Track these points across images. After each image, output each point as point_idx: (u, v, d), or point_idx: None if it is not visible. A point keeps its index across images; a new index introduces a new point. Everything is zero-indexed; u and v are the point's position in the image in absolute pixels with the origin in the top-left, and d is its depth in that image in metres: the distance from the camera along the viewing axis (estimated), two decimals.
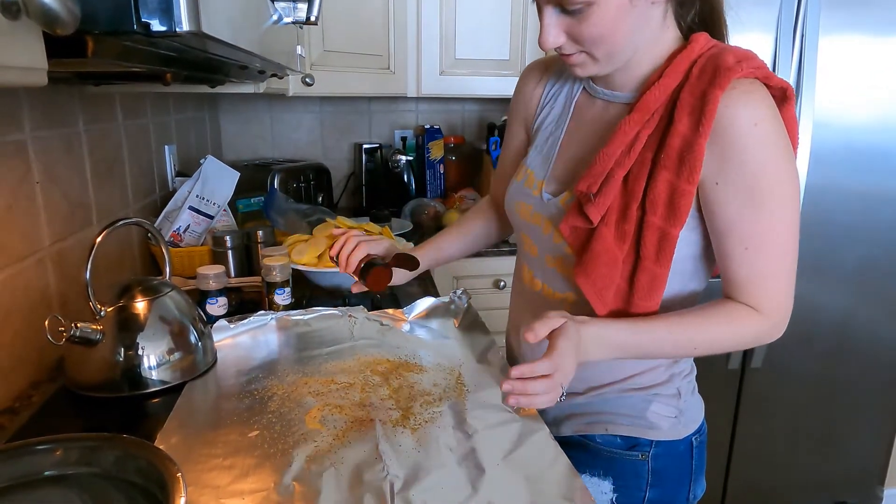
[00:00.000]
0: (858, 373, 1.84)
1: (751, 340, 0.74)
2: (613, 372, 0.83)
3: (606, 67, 0.74)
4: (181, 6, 0.37)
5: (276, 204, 1.56)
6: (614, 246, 0.72)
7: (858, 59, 1.58)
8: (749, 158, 0.66)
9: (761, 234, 0.69)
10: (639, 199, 0.71)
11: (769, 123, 0.67)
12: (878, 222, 1.70)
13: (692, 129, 0.67)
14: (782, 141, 0.68)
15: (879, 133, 1.63)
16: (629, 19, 0.68)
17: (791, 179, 0.69)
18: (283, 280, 1.12)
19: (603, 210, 0.72)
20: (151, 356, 0.88)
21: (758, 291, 0.72)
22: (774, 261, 0.71)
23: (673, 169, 0.68)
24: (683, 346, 0.74)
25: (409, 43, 1.88)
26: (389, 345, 1.02)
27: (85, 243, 1.07)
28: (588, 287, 0.74)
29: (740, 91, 0.66)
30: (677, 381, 0.84)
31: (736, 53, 0.69)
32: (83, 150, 1.09)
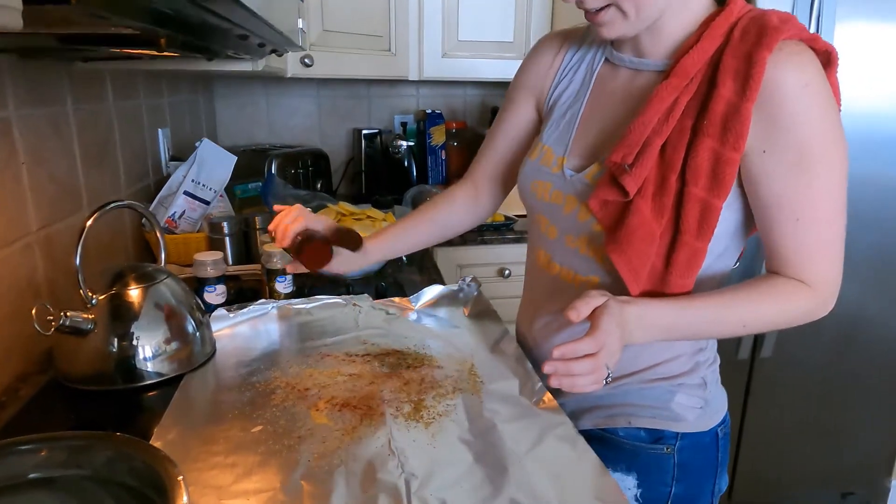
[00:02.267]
0: (868, 364, 1.81)
1: (802, 316, 0.71)
2: (635, 361, 0.78)
3: (636, 25, 0.69)
4: None
5: (274, 189, 1.50)
6: (652, 219, 0.68)
7: (875, 47, 1.53)
8: (800, 122, 0.63)
9: (812, 204, 0.66)
10: (678, 169, 0.67)
11: (819, 86, 0.63)
12: (889, 209, 1.66)
13: (738, 93, 0.63)
14: (832, 105, 0.65)
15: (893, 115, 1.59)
16: None
17: (841, 144, 0.66)
18: (283, 267, 1.07)
19: (640, 181, 0.67)
20: (147, 347, 0.83)
21: (808, 265, 0.69)
22: (825, 232, 0.68)
23: (717, 136, 0.65)
24: (733, 324, 0.70)
25: (411, 24, 1.82)
26: (396, 334, 0.97)
27: (74, 229, 1.01)
28: (623, 264, 0.70)
29: (788, 52, 0.63)
30: (702, 370, 0.80)
31: (779, 15, 0.65)
32: (72, 130, 1.03)
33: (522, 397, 0.77)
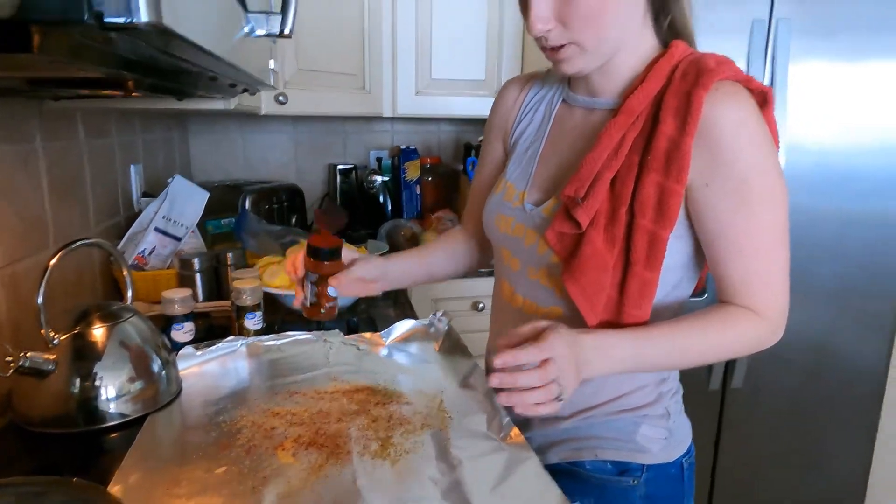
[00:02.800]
0: (837, 391, 1.85)
1: (753, 344, 0.73)
2: (599, 393, 0.80)
3: (594, 60, 0.73)
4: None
5: (247, 225, 1.50)
6: (604, 250, 0.71)
7: (828, 85, 1.61)
8: (738, 157, 0.67)
9: (755, 235, 0.69)
10: (627, 202, 0.70)
11: (754, 123, 0.68)
12: (852, 241, 1.72)
13: (678, 130, 0.67)
14: (768, 141, 0.69)
15: (850, 156, 1.66)
16: (616, 4, 0.69)
17: (779, 178, 0.70)
18: (254, 304, 1.07)
19: (592, 213, 0.71)
20: (110, 387, 0.81)
21: (755, 293, 0.71)
22: (769, 261, 0.71)
23: (661, 170, 0.68)
24: (690, 355, 0.73)
25: (385, 62, 1.86)
26: (367, 370, 0.97)
27: (40, 266, 1.00)
28: (578, 293, 0.72)
29: (723, 91, 0.67)
30: (666, 400, 0.82)
31: (716, 58, 0.70)
32: (41, 167, 1.03)
33: (490, 432, 0.77)
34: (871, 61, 1.60)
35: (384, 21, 1.83)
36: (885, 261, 1.75)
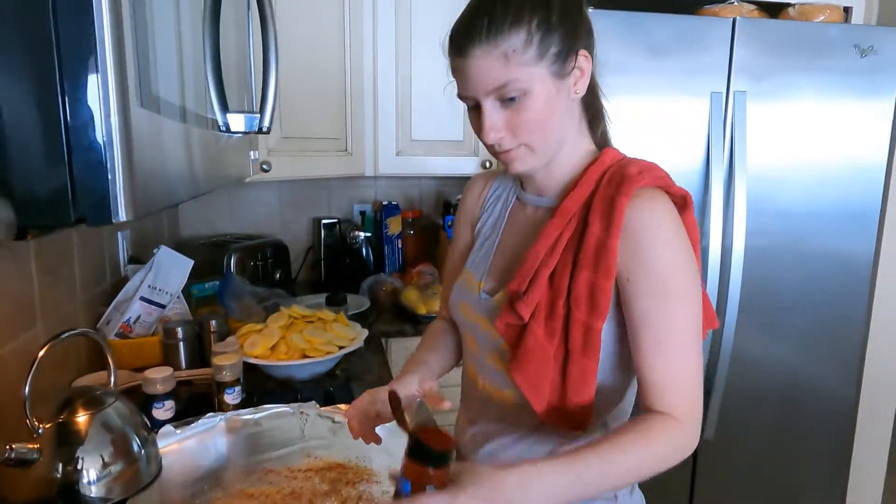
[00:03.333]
0: (807, 435, 1.90)
1: (675, 453, 0.73)
2: None
3: (542, 158, 0.79)
4: (119, 199, 0.39)
5: (231, 288, 1.55)
6: (545, 341, 0.76)
7: (787, 131, 1.71)
8: (656, 258, 0.73)
9: (674, 331, 0.73)
10: (564, 295, 0.75)
11: (670, 226, 0.74)
12: (818, 281, 1.80)
13: (604, 231, 0.74)
14: (683, 243, 0.74)
15: (812, 196, 1.74)
16: (558, 108, 0.76)
17: (693, 278, 0.75)
18: (233, 379, 1.11)
19: (532, 306, 0.76)
20: (91, 470, 0.85)
21: (671, 391, 0.73)
22: (684, 358, 0.74)
23: (591, 267, 0.74)
24: (617, 472, 0.71)
25: (367, 125, 1.95)
26: (341, 445, 1.01)
27: (26, 346, 1.04)
28: (522, 381, 0.77)
29: (643, 198, 0.74)
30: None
31: (640, 165, 0.77)
32: (30, 253, 1.08)
33: None
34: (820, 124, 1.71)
35: (365, 86, 1.91)
36: (849, 301, 1.82)
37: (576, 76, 0.76)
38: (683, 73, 1.62)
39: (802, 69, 1.66)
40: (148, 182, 0.43)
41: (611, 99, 1.60)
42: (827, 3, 1.76)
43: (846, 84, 1.69)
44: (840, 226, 1.78)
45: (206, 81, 0.76)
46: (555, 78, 0.74)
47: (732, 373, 1.77)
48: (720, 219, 1.68)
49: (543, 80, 0.73)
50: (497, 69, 0.72)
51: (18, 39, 0.36)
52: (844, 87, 1.69)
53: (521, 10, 0.71)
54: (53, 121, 0.37)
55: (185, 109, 0.58)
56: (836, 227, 1.77)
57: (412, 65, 1.93)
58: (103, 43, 0.37)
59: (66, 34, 0.37)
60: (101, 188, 0.38)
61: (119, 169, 0.39)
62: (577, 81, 0.77)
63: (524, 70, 0.72)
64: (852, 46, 1.66)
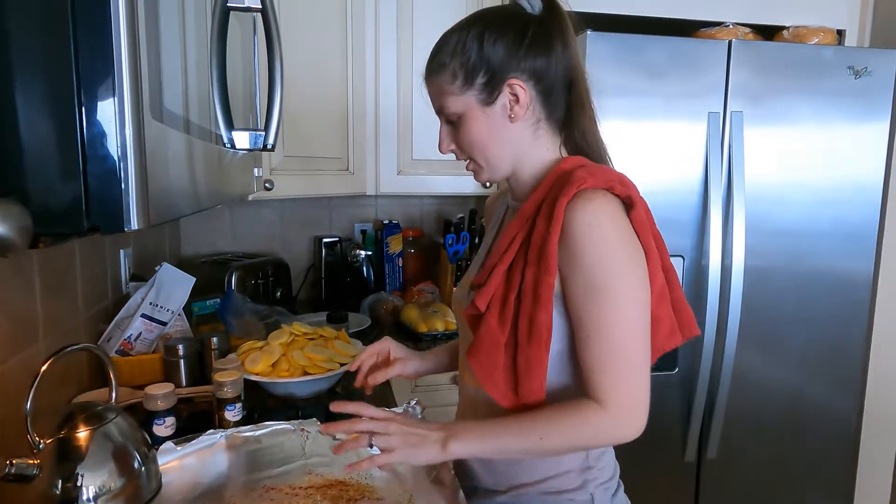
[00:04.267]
0: (810, 453, 1.89)
1: (594, 433, 0.80)
2: (529, 473, 0.90)
3: (494, 174, 0.90)
4: (132, 208, 0.40)
5: (232, 306, 1.55)
6: (497, 330, 0.83)
7: (784, 152, 1.73)
8: (586, 256, 0.77)
9: (600, 325, 0.78)
10: (516, 289, 0.82)
11: (604, 226, 0.78)
12: (817, 301, 1.80)
13: (546, 230, 0.80)
14: (619, 241, 0.79)
15: (810, 217, 1.76)
16: (494, 131, 0.86)
17: (629, 277, 0.78)
18: (234, 396, 1.11)
19: (487, 298, 0.84)
20: (91, 487, 0.84)
21: (599, 382, 0.79)
22: (613, 352, 0.78)
23: (535, 263, 0.81)
24: (532, 440, 0.80)
25: (368, 145, 1.97)
26: (341, 462, 1.00)
27: (28, 361, 1.05)
28: (476, 368, 0.85)
29: (581, 199, 0.78)
30: (591, 487, 0.90)
31: (590, 169, 0.83)
32: (33, 268, 1.08)
33: None
34: (817, 145, 1.73)
35: (367, 106, 1.94)
36: (849, 320, 1.83)
37: (509, 103, 0.84)
38: (680, 95, 1.65)
39: (798, 90, 1.69)
40: (159, 192, 0.44)
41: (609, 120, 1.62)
42: (820, 27, 1.80)
43: (841, 105, 1.72)
44: (838, 245, 1.79)
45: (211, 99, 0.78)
46: (483, 105, 0.84)
47: (734, 392, 1.77)
48: (719, 239, 1.69)
49: (472, 108, 0.85)
50: (437, 97, 0.88)
51: (38, 53, 0.38)
52: (840, 108, 1.72)
53: (452, 51, 0.85)
54: (70, 131, 0.38)
55: (193, 124, 0.60)
56: (834, 247, 1.79)
57: (413, 85, 1.96)
58: (120, 57, 0.39)
59: (84, 49, 0.38)
60: (114, 197, 0.39)
61: (132, 179, 0.40)
62: (512, 108, 0.84)
63: (453, 99, 0.85)
64: (846, 68, 1.69)
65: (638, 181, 1.68)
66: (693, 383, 1.75)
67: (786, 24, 1.84)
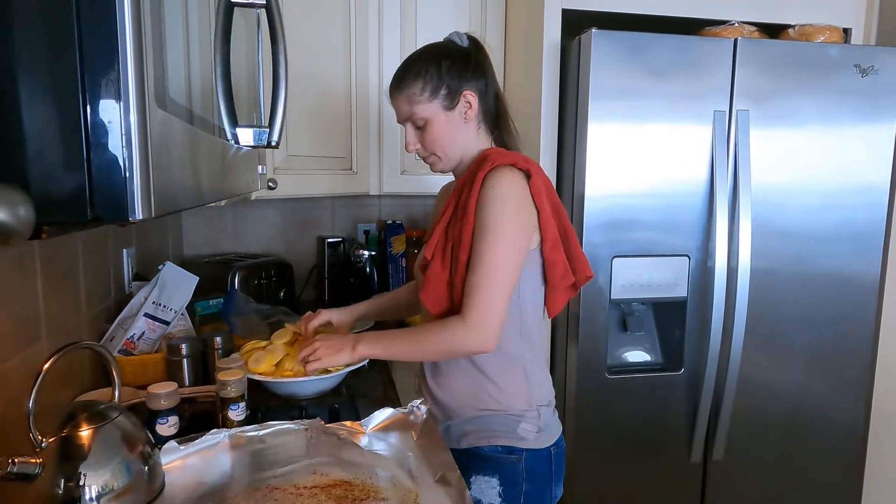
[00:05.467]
0: (817, 455, 1.87)
1: (452, 339, 1.07)
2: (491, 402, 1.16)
3: (449, 164, 1.19)
4: (136, 197, 0.39)
5: (235, 306, 1.55)
6: (440, 270, 1.12)
7: (790, 152, 1.71)
8: (482, 206, 1.06)
9: (478, 257, 1.06)
10: (451, 241, 1.11)
11: (502, 188, 1.06)
12: (823, 302, 1.78)
13: (468, 195, 1.08)
14: (509, 199, 1.06)
15: (816, 218, 1.74)
16: (452, 130, 1.15)
17: (510, 224, 1.06)
18: (237, 395, 1.10)
19: (431, 249, 1.13)
20: (93, 487, 0.83)
21: (468, 299, 1.06)
22: (482, 278, 1.05)
23: (461, 218, 1.09)
24: (410, 340, 1.12)
25: (371, 144, 1.96)
26: (346, 461, 0.99)
27: (31, 360, 1.04)
28: (426, 298, 1.13)
29: (492, 171, 1.08)
30: (535, 405, 1.17)
31: (502, 152, 1.14)
32: (36, 266, 1.08)
33: None
34: (823, 144, 1.72)
35: (371, 106, 1.93)
36: (856, 323, 1.81)
37: (464, 108, 1.14)
38: (686, 93, 1.64)
39: (804, 89, 1.68)
40: (163, 182, 0.43)
41: (613, 119, 1.62)
42: (826, 25, 1.79)
43: (848, 104, 1.70)
44: (845, 247, 1.77)
45: (215, 95, 0.77)
46: (446, 110, 1.13)
47: (740, 393, 1.75)
48: (725, 239, 1.67)
49: (437, 113, 1.13)
50: (405, 107, 1.15)
51: (41, 39, 0.37)
52: (846, 106, 1.71)
53: (419, 70, 1.13)
54: (73, 118, 0.38)
55: (197, 116, 0.59)
56: (840, 249, 1.77)
57: None
58: (125, 42, 0.38)
59: (88, 34, 0.37)
60: (118, 186, 0.38)
61: (136, 167, 0.39)
62: (466, 112, 1.14)
63: (421, 106, 1.13)
64: (853, 66, 1.68)
65: (643, 181, 1.67)
66: (699, 384, 1.74)
67: (791, 22, 1.83)
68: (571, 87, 1.71)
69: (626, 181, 1.65)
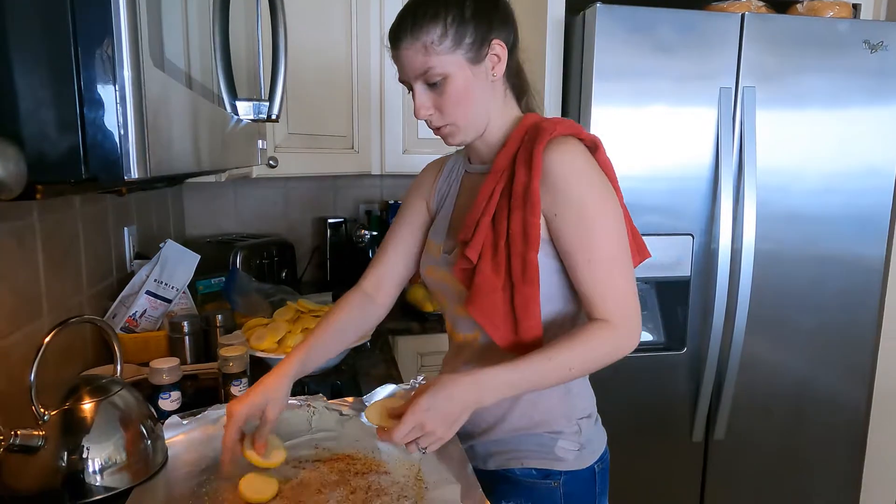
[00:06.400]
0: (818, 437, 1.87)
1: (610, 350, 0.86)
2: (523, 418, 0.96)
3: (468, 135, 0.93)
4: (131, 155, 0.38)
5: (237, 284, 1.54)
6: (492, 276, 0.88)
7: (795, 132, 1.69)
8: (570, 190, 0.86)
9: (596, 250, 0.86)
10: (504, 236, 0.88)
11: (578, 161, 0.87)
12: (828, 284, 1.78)
13: (527, 176, 0.87)
14: (594, 173, 0.88)
15: (821, 198, 1.72)
16: (475, 90, 0.89)
17: (608, 200, 0.88)
18: (240, 371, 1.10)
19: (478, 249, 0.89)
20: (97, 460, 0.84)
21: (603, 301, 0.86)
22: (611, 271, 0.86)
23: (521, 207, 0.87)
24: (560, 371, 0.85)
25: (373, 123, 1.94)
26: (348, 437, 1.00)
27: (32, 336, 1.04)
28: (478, 314, 0.89)
29: (555, 143, 0.87)
30: (575, 418, 0.98)
31: (553, 121, 0.91)
32: (36, 242, 1.07)
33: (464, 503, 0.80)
34: (830, 123, 1.70)
35: (372, 84, 1.91)
36: (860, 306, 1.80)
37: (492, 61, 0.90)
38: (691, 71, 1.61)
39: (812, 67, 1.65)
40: (160, 142, 0.42)
41: (617, 96, 1.60)
42: (836, 0, 1.76)
43: (856, 81, 1.68)
44: (850, 228, 1.76)
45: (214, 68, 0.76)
46: (470, 64, 0.88)
47: (742, 374, 1.75)
48: (730, 220, 1.66)
49: (460, 66, 0.87)
50: (420, 58, 0.87)
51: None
52: (855, 84, 1.68)
53: (437, 9, 0.86)
54: (66, 74, 0.37)
55: (196, 81, 0.58)
56: (846, 230, 1.75)
57: None
58: None
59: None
60: (112, 144, 0.38)
61: (131, 125, 0.38)
62: (495, 66, 0.90)
63: (441, 58, 0.86)
64: (862, 42, 1.65)
65: (647, 160, 1.65)
66: (701, 364, 1.74)
67: None
68: (575, 67, 1.69)
69: (630, 161, 1.63)
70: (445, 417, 0.80)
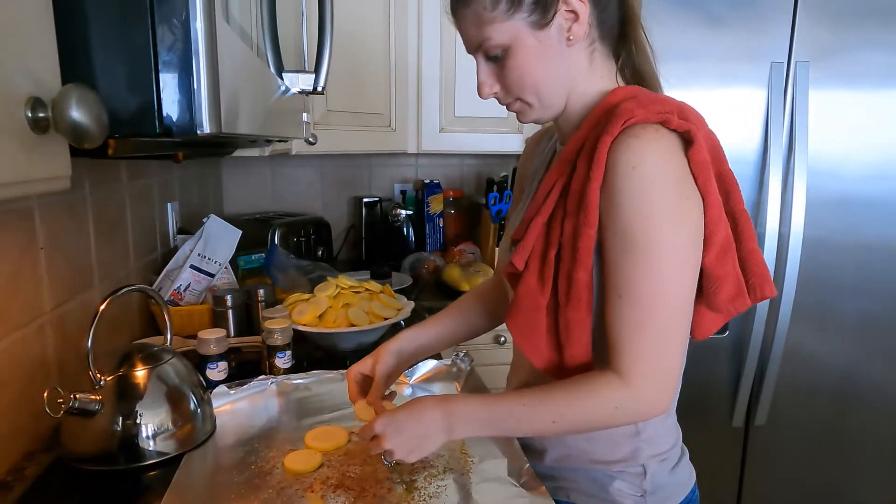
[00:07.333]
0: (862, 427, 1.82)
1: (613, 412, 0.69)
2: (572, 444, 0.83)
3: (544, 112, 0.77)
4: (203, 110, 0.38)
5: (276, 260, 1.56)
6: (536, 290, 0.72)
7: (849, 112, 1.62)
8: (623, 202, 0.66)
9: (631, 285, 0.66)
10: (556, 245, 0.72)
11: (650, 168, 0.65)
12: (877, 273, 1.71)
13: (586, 175, 0.68)
14: (666, 187, 0.65)
15: (874, 184, 1.66)
16: (546, 60, 0.72)
17: (673, 230, 0.66)
18: (284, 343, 1.11)
19: (524, 255, 0.74)
20: (150, 425, 0.86)
21: (622, 350, 0.68)
22: (642, 318, 0.66)
23: (574, 212, 0.70)
24: (543, 422, 0.71)
25: (410, 101, 1.93)
26: None
27: (85, 305, 1.06)
28: (515, 332, 0.75)
29: (627, 135, 0.66)
30: (643, 458, 0.80)
31: (641, 100, 0.69)
32: (88, 212, 1.10)
33: (510, 477, 0.80)
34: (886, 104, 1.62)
35: (409, 62, 1.90)
36: None
37: (567, 20, 0.71)
38: (742, 46, 1.56)
39: (871, 41, 1.58)
40: (229, 98, 0.42)
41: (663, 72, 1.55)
42: None
43: None
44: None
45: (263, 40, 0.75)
46: (534, 29, 0.71)
47: (786, 360, 1.71)
48: (777, 205, 1.60)
49: (521, 34, 0.71)
50: (474, 29, 0.73)
51: None
52: None
53: None
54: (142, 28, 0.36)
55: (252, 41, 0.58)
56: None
57: (457, 40, 1.90)
58: None
59: None
60: (186, 98, 0.37)
61: (204, 79, 0.38)
62: (571, 26, 0.71)
63: (496, 27, 0.71)
64: None
65: None
66: (744, 349, 1.70)
67: None
68: None
69: None
70: (407, 440, 0.72)
